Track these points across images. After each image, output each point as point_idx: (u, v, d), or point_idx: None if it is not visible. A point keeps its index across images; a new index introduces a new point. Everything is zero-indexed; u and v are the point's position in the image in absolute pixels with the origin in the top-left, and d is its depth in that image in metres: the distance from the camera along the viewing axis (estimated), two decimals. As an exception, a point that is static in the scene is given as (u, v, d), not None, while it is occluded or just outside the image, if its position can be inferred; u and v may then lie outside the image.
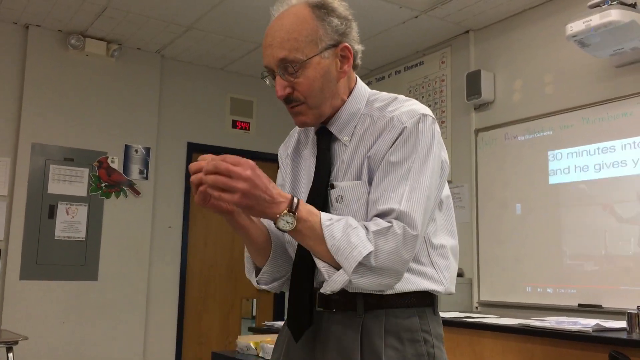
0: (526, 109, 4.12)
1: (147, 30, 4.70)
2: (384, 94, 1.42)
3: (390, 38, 4.70)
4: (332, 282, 1.22)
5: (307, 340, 1.34)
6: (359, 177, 1.31)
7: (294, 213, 1.18)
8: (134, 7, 4.31)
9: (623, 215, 3.52)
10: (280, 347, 1.44)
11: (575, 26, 3.24)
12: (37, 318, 4.44)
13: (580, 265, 3.68)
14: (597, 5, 3.15)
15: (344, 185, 1.32)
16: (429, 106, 4.97)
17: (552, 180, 3.89)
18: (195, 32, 4.72)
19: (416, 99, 1.44)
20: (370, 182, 1.30)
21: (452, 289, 1.38)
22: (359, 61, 1.41)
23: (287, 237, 1.39)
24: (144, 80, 5.12)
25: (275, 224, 1.19)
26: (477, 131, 4.42)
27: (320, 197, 1.33)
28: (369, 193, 1.30)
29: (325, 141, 1.40)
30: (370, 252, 1.18)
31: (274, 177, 1.33)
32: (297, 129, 1.52)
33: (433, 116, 1.35)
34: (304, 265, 1.33)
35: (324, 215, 1.22)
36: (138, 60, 5.10)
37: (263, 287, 1.45)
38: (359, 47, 1.40)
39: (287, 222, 1.18)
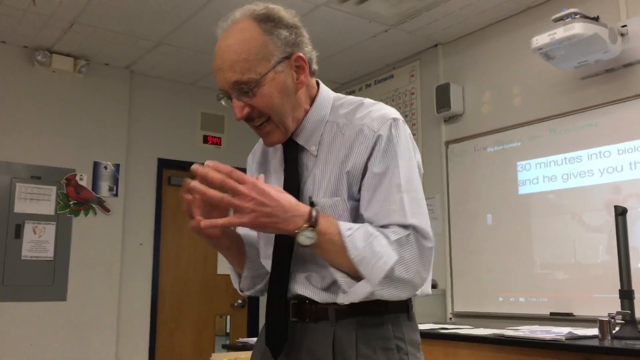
0: (495, 120, 4.18)
1: (116, 45, 4.65)
2: (350, 98, 1.39)
3: (360, 52, 4.74)
4: (354, 294, 1.20)
5: (283, 352, 1.32)
6: (336, 194, 1.27)
7: (314, 227, 1.15)
8: (102, 22, 4.26)
9: (591, 224, 3.58)
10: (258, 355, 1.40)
11: (541, 39, 3.30)
12: (4, 340, 4.31)
13: (551, 274, 3.73)
14: (561, 19, 3.22)
15: (323, 202, 1.27)
16: (399, 119, 5.02)
17: (522, 190, 3.95)
18: (165, 47, 4.69)
19: None
20: (350, 198, 1.27)
21: (429, 290, 1.35)
22: (315, 66, 1.37)
23: (262, 245, 1.38)
24: (112, 96, 5.06)
25: (295, 238, 1.16)
26: (448, 143, 4.47)
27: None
28: (349, 210, 1.27)
29: (292, 153, 1.35)
30: (395, 261, 1.16)
31: None
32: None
33: (402, 118, 1.33)
34: (278, 276, 1.31)
35: (342, 225, 1.19)
36: (106, 76, 5.04)
37: (247, 293, 1.44)
38: (313, 53, 1.36)
39: (307, 237, 1.15)
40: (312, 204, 1.25)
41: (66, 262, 4.66)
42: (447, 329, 2.75)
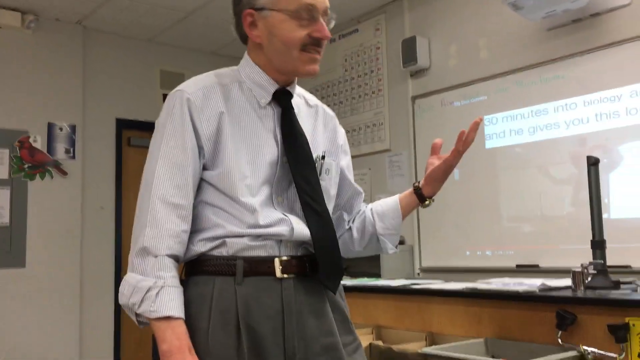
0: (461, 74, 4.13)
1: (66, -1, 4.40)
2: None
3: (324, 5, 4.60)
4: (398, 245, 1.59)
5: (275, 308, 1.27)
6: (330, 156, 1.48)
7: None
8: (49, -27, 4.01)
9: (557, 177, 3.61)
10: (228, 312, 1.27)
11: (510, -11, 3.24)
12: (-39, 311, 4.16)
13: (518, 227, 3.76)
14: (530, -32, 3.15)
15: (329, 162, 1.46)
16: (365, 74, 4.95)
17: (489, 144, 3.94)
18: (117, 0, 4.45)
19: (352, 67, 2.08)
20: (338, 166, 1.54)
21: None
22: None
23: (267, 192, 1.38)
24: (65, 53, 4.81)
25: (426, 200, 1.56)
26: (414, 98, 4.41)
27: (310, 164, 1.38)
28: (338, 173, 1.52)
29: (289, 102, 1.42)
30: None
31: None
32: (211, 80, 1.38)
33: None
34: (321, 219, 1.38)
35: None
36: (57, 32, 4.78)
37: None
38: None
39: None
40: (323, 157, 1.44)
41: (23, 227, 4.49)
42: (418, 284, 2.74)
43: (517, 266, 3.68)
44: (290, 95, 1.42)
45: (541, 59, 3.67)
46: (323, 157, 1.43)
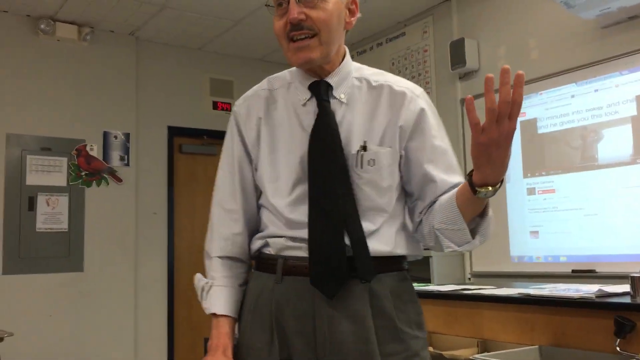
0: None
1: (119, 11, 4.54)
2: (366, 66, 1.44)
3: (371, 10, 4.59)
4: (472, 244, 1.29)
5: (302, 308, 1.27)
6: (385, 144, 1.32)
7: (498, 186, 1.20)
8: (104, -13, 4.15)
9: (617, 180, 3.48)
10: (262, 315, 1.32)
11: (561, -13, 3.16)
12: (23, 313, 4.32)
13: (574, 232, 3.64)
14: (582, -35, 3.07)
15: (377, 150, 1.31)
16: (412, 78, 4.90)
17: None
18: (169, 11, 4.57)
19: (399, 71, 1.73)
20: (401, 150, 1.33)
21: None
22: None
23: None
24: (119, 63, 4.97)
25: (479, 189, 1.19)
26: (463, 100, 4.35)
27: (330, 157, 1.28)
28: (398, 161, 1.33)
29: (325, 94, 1.33)
30: None
31: None
32: (263, 93, 1.41)
33: None
34: (328, 217, 1.28)
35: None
36: (112, 44, 4.94)
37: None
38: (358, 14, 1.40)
39: (493, 192, 1.20)
40: (364, 148, 1.30)
41: (81, 233, 4.65)
42: (469, 289, 2.69)
43: (573, 271, 3.57)
44: (325, 87, 1.34)
45: (596, 58, 3.56)
46: (364, 148, 1.30)
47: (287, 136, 1.35)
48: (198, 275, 1.41)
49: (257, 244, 1.38)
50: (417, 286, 3.03)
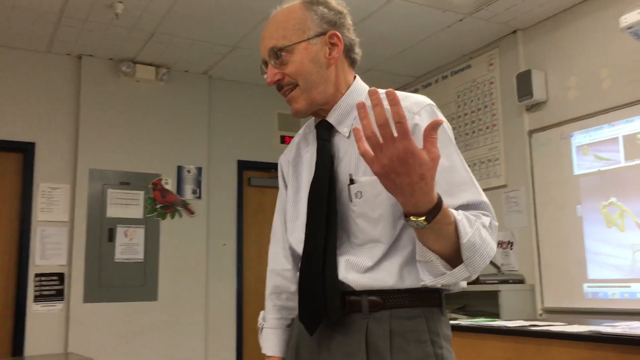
0: (583, 106, 3.97)
1: (194, 52, 4.79)
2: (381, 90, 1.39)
3: (435, 43, 4.64)
4: (452, 276, 1.15)
5: (313, 341, 1.33)
6: (367, 173, 1.22)
7: (432, 218, 1.07)
8: (180, 31, 4.40)
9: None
10: (291, 346, 1.44)
11: (630, 17, 3.12)
12: (101, 339, 4.54)
13: (650, 267, 3.50)
14: (652, -6, 3.02)
15: (363, 180, 1.28)
16: (478, 110, 4.87)
17: (614, 178, 3.73)
18: (240, 50, 4.78)
19: (465, 103, 1.52)
20: None
21: (464, 284, 1.30)
22: (356, 55, 1.42)
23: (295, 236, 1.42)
24: (193, 101, 5.22)
25: (413, 218, 1.08)
26: (531, 132, 4.29)
27: (324, 187, 1.30)
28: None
29: (324, 133, 1.39)
30: (495, 249, 1.18)
31: None
32: (297, 138, 1.53)
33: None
34: (315, 256, 1.30)
35: (454, 211, 1.13)
36: (186, 82, 5.20)
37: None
38: (354, 39, 1.41)
39: (422, 222, 1.08)
40: (351, 181, 1.29)
41: (156, 263, 4.86)
42: (538, 325, 2.63)
43: (651, 309, 3.41)
44: (326, 126, 1.39)
45: (670, 87, 3.46)
46: (352, 181, 1.29)
47: (307, 176, 1.42)
48: (261, 314, 1.56)
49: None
50: (484, 321, 2.98)
